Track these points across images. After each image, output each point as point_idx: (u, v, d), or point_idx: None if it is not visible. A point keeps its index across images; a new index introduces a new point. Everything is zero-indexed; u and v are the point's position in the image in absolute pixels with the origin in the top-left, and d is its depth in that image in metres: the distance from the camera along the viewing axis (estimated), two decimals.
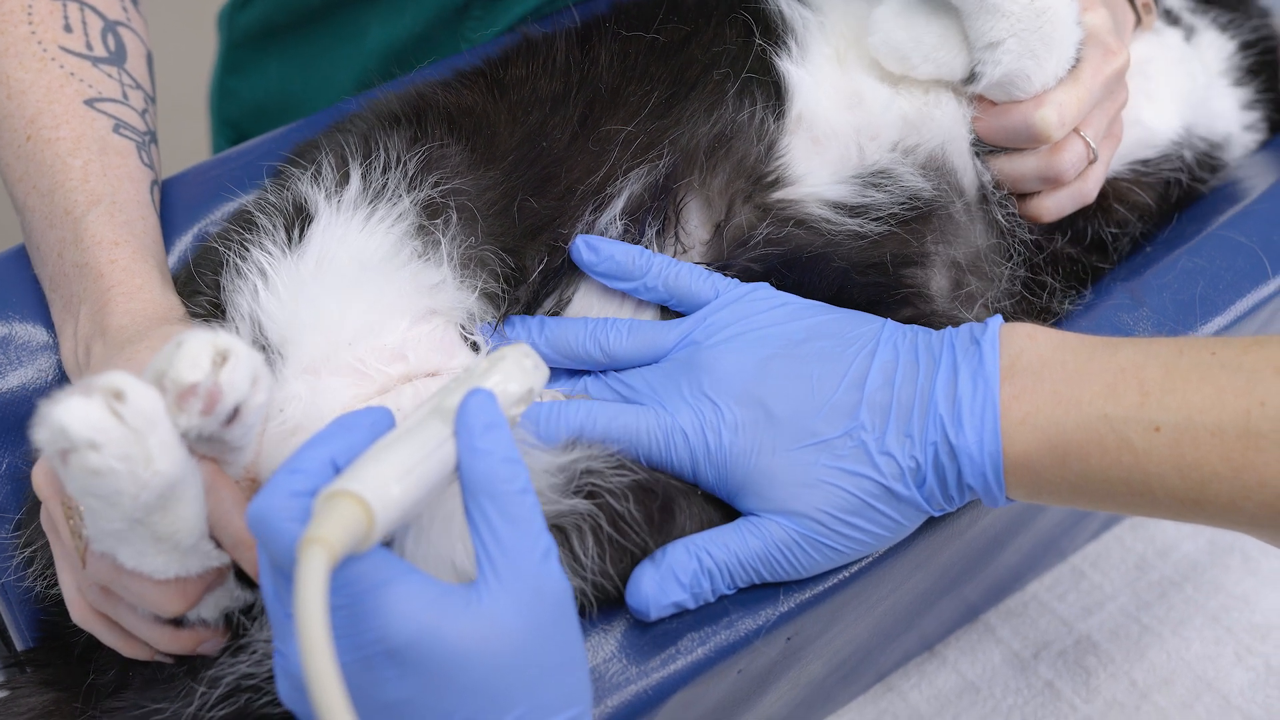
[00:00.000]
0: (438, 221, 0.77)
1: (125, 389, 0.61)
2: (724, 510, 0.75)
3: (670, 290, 0.79)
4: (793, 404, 0.72)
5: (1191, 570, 1.05)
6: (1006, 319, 0.80)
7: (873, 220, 0.81)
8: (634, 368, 0.78)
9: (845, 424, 0.72)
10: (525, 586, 0.61)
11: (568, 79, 0.84)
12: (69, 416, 0.60)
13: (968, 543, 0.85)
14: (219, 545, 0.68)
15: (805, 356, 0.74)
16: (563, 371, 0.80)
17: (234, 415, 0.65)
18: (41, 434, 0.61)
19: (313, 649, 0.54)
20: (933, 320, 0.80)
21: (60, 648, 0.78)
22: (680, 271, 0.79)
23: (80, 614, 0.72)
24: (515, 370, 0.66)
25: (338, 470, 0.61)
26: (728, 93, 0.83)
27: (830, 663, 0.86)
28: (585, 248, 0.79)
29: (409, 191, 0.78)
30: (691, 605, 0.73)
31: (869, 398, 0.72)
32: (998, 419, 0.70)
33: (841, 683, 0.93)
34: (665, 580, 0.72)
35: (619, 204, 0.80)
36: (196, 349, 0.63)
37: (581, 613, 0.73)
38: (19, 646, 0.82)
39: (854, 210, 0.81)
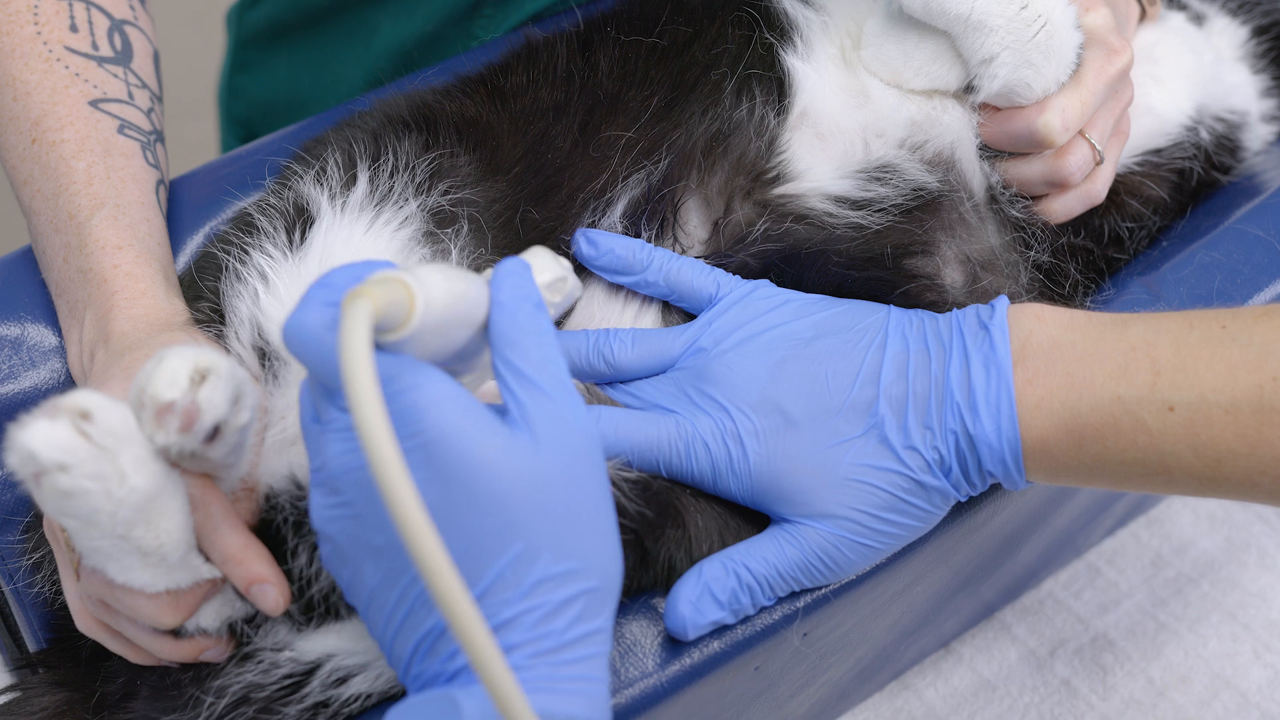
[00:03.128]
0: (449, 231, 0.77)
1: (92, 408, 0.61)
2: (728, 509, 0.75)
3: (671, 285, 0.78)
4: (811, 406, 0.72)
5: (1208, 567, 1.05)
6: None
7: (875, 213, 0.81)
8: (640, 379, 0.77)
9: (866, 420, 0.71)
10: (549, 426, 0.61)
11: (568, 87, 0.83)
12: (35, 440, 0.60)
13: (983, 540, 0.84)
14: (209, 559, 0.68)
15: (816, 356, 0.73)
16: None
17: (214, 434, 0.64)
18: (12, 459, 0.60)
19: (360, 390, 0.54)
20: (943, 310, 0.79)
21: (71, 649, 0.78)
22: (682, 266, 0.78)
23: (84, 623, 0.72)
24: (548, 260, 0.70)
25: None
26: (725, 90, 0.82)
27: (847, 661, 0.86)
28: (585, 241, 0.79)
29: (415, 196, 0.78)
30: (731, 621, 0.73)
31: (885, 391, 0.72)
32: (1014, 406, 0.70)
33: (857, 680, 0.93)
34: (702, 600, 0.72)
35: (618, 208, 0.80)
36: (175, 366, 0.63)
37: None
38: (31, 648, 0.82)
39: (856, 204, 0.81)
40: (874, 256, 0.80)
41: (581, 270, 0.80)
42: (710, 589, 0.72)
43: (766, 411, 0.72)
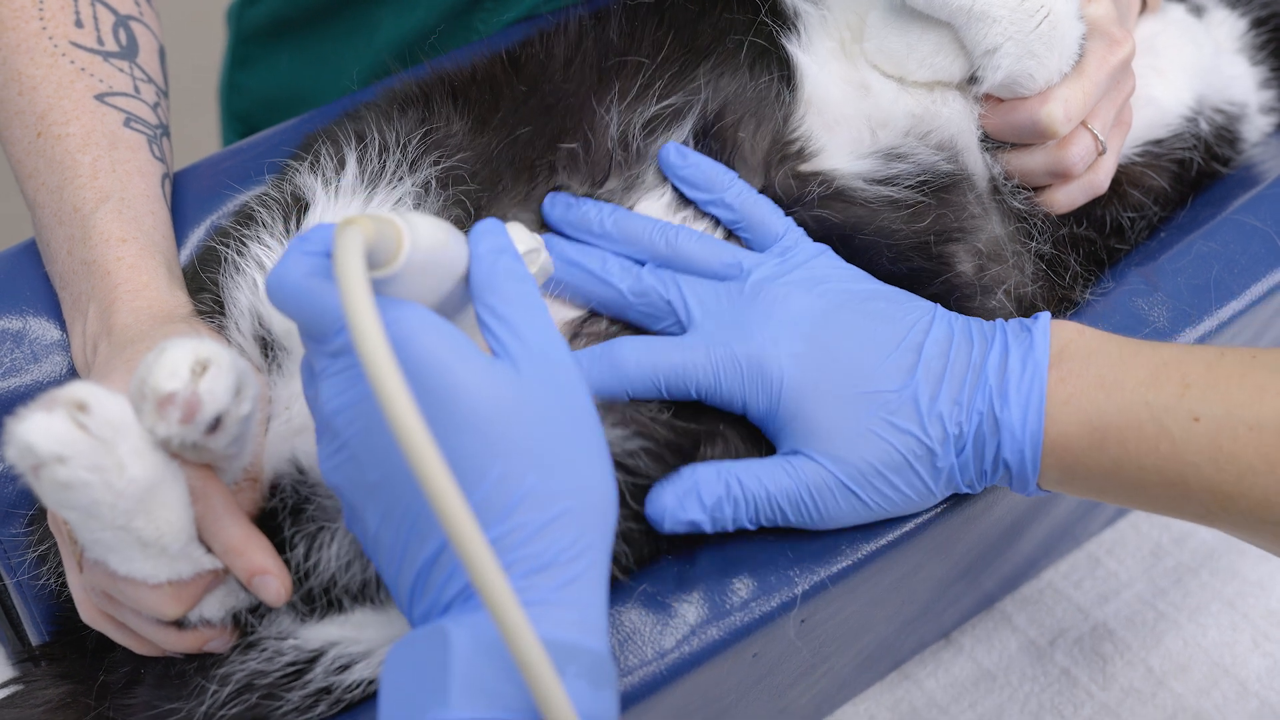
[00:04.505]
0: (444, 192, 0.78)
1: (88, 399, 0.61)
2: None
3: (743, 213, 0.80)
4: (854, 352, 0.74)
5: (1208, 557, 1.05)
6: (1029, 305, 0.83)
7: (906, 188, 0.82)
8: (691, 275, 0.78)
9: (902, 379, 0.73)
10: (531, 360, 0.62)
11: (581, 44, 0.84)
12: (33, 432, 0.60)
13: (983, 529, 0.85)
14: (211, 551, 0.68)
15: (869, 313, 0.75)
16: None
17: (216, 425, 0.64)
18: (11, 452, 0.61)
19: (357, 308, 0.55)
20: (962, 290, 0.81)
21: (75, 641, 0.79)
22: (759, 200, 0.80)
23: (89, 615, 0.73)
24: (522, 232, 0.72)
25: None
26: (741, 61, 0.83)
27: (847, 650, 0.86)
28: (675, 152, 0.81)
29: (411, 173, 0.78)
30: (708, 529, 0.74)
31: (925, 363, 0.73)
32: (1043, 397, 0.72)
33: (857, 669, 0.93)
34: (687, 497, 0.73)
35: (686, 127, 0.82)
36: (175, 357, 0.63)
37: None
38: (33, 641, 0.83)
39: (882, 181, 0.82)
40: (919, 245, 0.81)
41: (641, 198, 0.81)
42: (698, 488, 0.73)
43: (812, 342, 0.74)
